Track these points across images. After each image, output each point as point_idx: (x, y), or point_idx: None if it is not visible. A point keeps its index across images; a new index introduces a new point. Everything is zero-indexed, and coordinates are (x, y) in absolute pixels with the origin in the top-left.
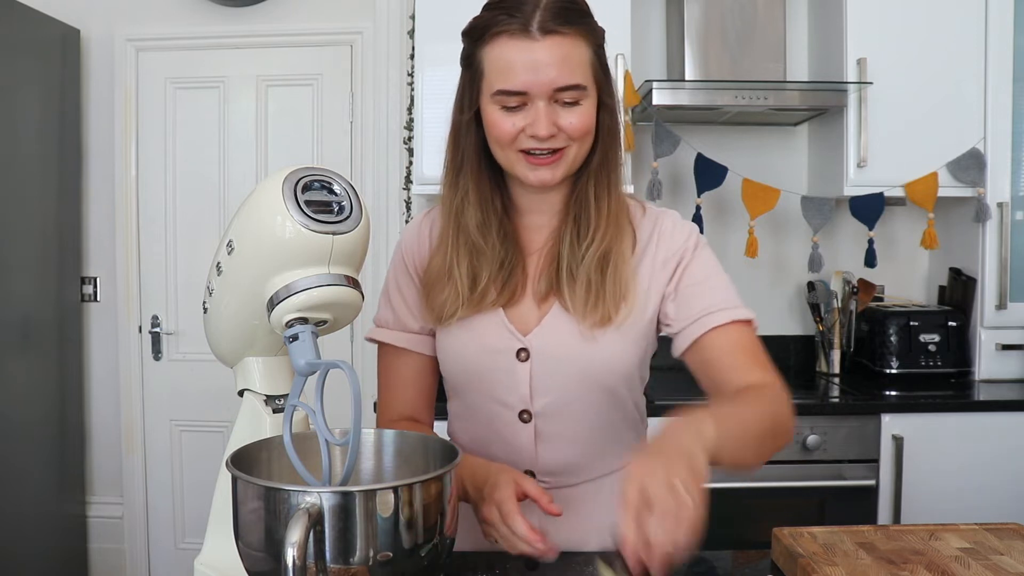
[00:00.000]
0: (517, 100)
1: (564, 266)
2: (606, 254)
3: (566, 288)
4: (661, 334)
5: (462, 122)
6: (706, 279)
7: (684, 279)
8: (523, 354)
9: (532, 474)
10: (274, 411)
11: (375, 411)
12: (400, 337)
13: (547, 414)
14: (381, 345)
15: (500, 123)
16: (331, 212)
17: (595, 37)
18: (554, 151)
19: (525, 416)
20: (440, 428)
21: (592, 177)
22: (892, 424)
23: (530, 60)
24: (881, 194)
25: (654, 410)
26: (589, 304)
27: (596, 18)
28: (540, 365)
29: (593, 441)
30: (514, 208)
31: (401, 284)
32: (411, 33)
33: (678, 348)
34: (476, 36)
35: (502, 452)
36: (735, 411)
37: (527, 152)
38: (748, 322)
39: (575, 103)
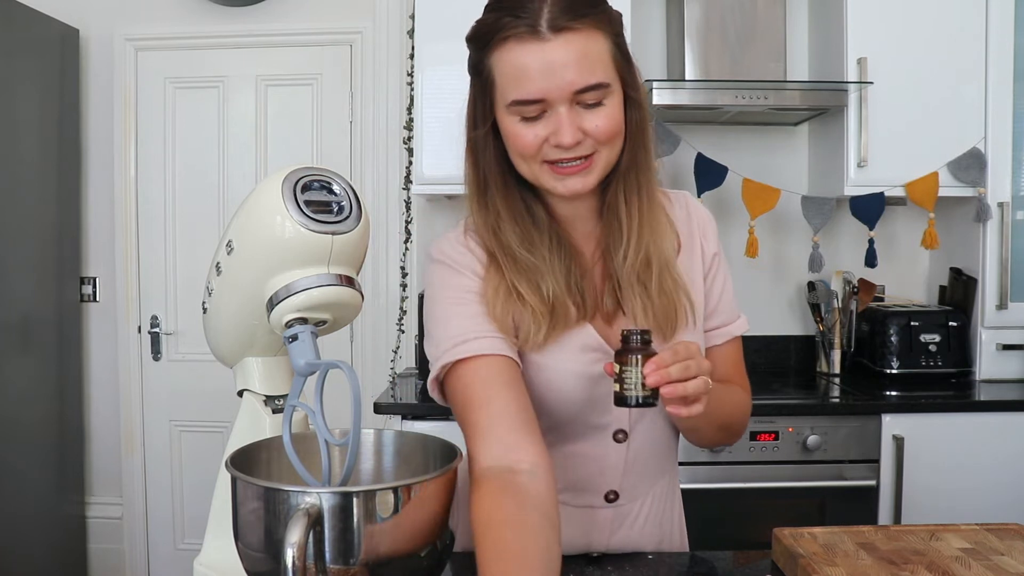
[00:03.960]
0: (536, 109)
1: (616, 278)
2: (647, 262)
3: (628, 302)
4: None
5: (478, 137)
6: (724, 289)
7: (713, 283)
8: None
9: (616, 494)
10: (274, 411)
11: (375, 412)
12: (484, 343)
13: (641, 431)
14: (449, 375)
15: (520, 135)
16: (331, 212)
17: (612, 25)
18: (583, 157)
19: (620, 436)
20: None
21: (620, 180)
22: (893, 424)
23: (544, 63)
24: (881, 194)
25: None
26: (648, 318)
27: None
28: None
29: (662, 447)
30: (554, 218)
31: (466, 299)
32: (411, 33)
33: None
34: (481, 42)
35: (589, 474)
36: (724, 389)
37: (553, 162)
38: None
39: (599, 103)
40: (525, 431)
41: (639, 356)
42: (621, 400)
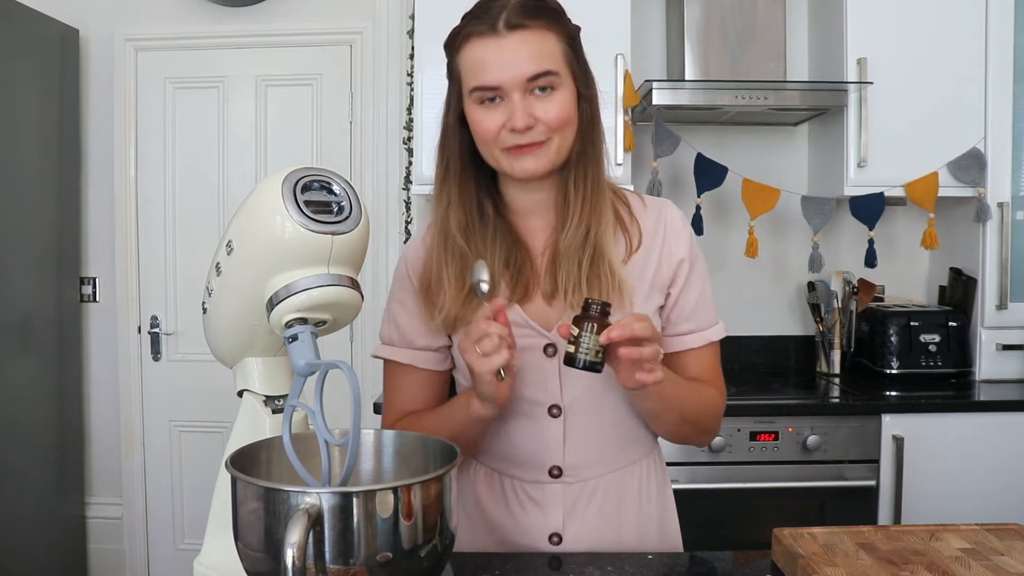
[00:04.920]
0: (493, 95)
1: (561, 262)
2: (585, 238)
3: (565, 284)
4: None
5: (448, 126)
6: (700, 293)
7: (685, 288)
8: (550, 349)
9: (560, 470)
10: (273, 411)
11: (375, 412)
12: (405, 354)
13: (576, 407)
14: (387, 361)
15: (481, 121)
16: (330, 212)
17: (565, 29)
18: (536, 144)
19: (555, 411)
20: None
21: (572, 169)
22: (892, 424)
23: (499, 55)
24: (881, 194)
25: None
26: (576, 293)
27: (596, 18)
28: None
29: (616, 432)
30: (512, 211)
31: (405, 300)
32: (411, 33)
33: None
34: (451, 45)
35: (530, 449)
36: (686, 382)
37: (509, 148)
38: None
39: (550, 91)
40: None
41: (594, 324)
42: (570, 360)
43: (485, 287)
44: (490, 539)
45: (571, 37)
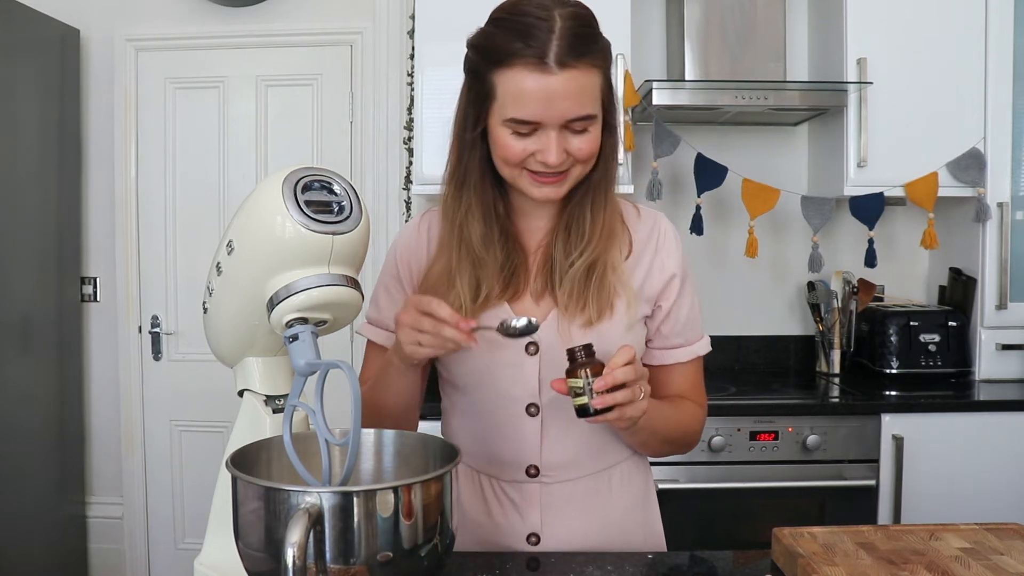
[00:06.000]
0: (529, 128)
1: (556, 268)
2: (594, 264)
3: (558, 288)
4: None
5: (467, 138)
6: (690, 308)
7: (677, 303)
8: (532, 347)
9: (537, 469)
10: (274, 411)
11: None
12: (381, 335)
13: (554, 407)
14: (369, 340)
15: (511, 147)
16: (331, 212)
17: (606, 60)
18: (560, 172)
19: (532, 409)
20: (433, 428)
21: (590, 191)
22: (892, 424)
23: (545, 93)
24: (881, 194)
25: None
26: (577, 306)
27: (596, 19)
28: (548, 358)
29: (595, 434)
30: (513, 210)
31: (391, 287)
32: (411, 33)
33: (643, 358)
34: (488, 56)
35: (507, 447)
36: (668, 404)
37: (533, 171)
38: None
39: (584, 130)
40: None
41: (587, 369)
42: (584, 412)
43: (517, 325)
44: (467, 539)
45: (608, 66)
